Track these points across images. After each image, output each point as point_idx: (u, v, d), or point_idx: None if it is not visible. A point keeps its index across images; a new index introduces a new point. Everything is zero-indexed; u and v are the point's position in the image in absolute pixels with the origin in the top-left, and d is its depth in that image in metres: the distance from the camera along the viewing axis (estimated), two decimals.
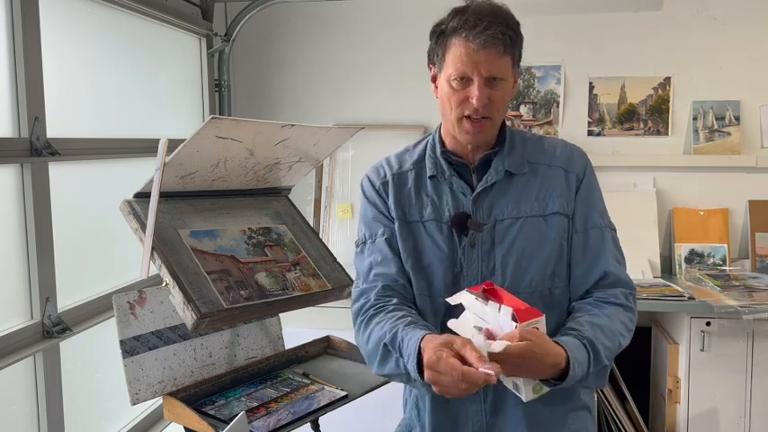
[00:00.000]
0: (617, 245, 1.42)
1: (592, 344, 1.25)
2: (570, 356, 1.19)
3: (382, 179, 1.47)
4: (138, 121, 2.56)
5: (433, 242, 1.39)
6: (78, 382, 2.14)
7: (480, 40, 1.26)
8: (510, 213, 1.37)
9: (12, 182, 1.86)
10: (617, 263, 1.39)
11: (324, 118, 3.27)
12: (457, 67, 1.30)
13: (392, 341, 1.27)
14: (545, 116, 3.18)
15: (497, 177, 1.38)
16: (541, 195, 1.38)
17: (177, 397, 1.74)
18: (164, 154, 1.59)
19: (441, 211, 1.39)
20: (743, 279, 2.84)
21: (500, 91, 1.32)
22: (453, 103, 1.33)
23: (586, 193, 1.40)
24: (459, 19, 1.30)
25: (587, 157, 1.45)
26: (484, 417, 1.38)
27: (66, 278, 2.03)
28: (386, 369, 1.32)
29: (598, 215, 1.40)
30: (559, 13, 3.11)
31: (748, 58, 3.04)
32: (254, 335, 2.06)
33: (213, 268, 1.67)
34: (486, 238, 1.36)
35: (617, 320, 1.32)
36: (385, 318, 1.32)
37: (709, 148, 3.06)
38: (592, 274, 1.37)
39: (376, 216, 1.45)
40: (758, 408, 2.61)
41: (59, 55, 2.06)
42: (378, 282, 1.40)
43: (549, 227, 1.36)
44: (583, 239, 1.38)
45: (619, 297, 1.35)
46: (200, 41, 3.09)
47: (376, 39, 3.25)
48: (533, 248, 1.35)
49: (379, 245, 1.42)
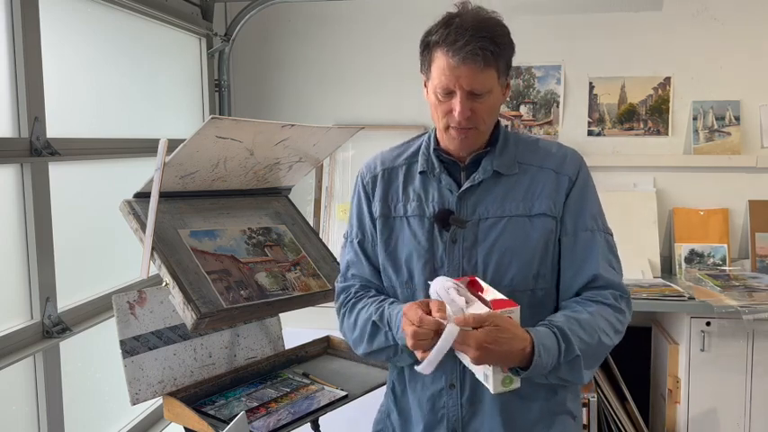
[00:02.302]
0: (611, 249, 1.40)
1: (563, 332, 1.25)
2: (536, 341, 1.20)
3: (372, 174, 1.50)
4: (138, 121, 2.56)
5: (413, 237, 1.41)
6: (78, 382, 2.14)
7: (460, 57, 1.27)
8: (495, 212, 1.37)
9: (12, 182, 1.86)
10: (609, 267, 1.37)
11: (324, 118, 3.27)
12: (441, 79, 1.31)
13: (380, 318, 1.37)
14: (545, 116, 3.18)
15: (485, 176, 1.38)
16: (528, 196, 1.38)
17: (177, 397, 1.74)
18: (164, 154, 1.59)
19: (425, 207, 1.41)
20: (743, 279, 2.84)
21: (484, 103, 1.32)
22: (439, 113, 1.35)
23: (579, 196, 1.39)
24: (443, 32, 1.30)
25: (582, 160, 1.44)
26: (459, 410, 1.39)
27: (66, 278, 2.03)
28: (374, 344, 1.39)
29: (590, 218, 1.39)
30: (559, 13, 3.11)
31: (748, 58, 3.04)
32: (254, 335, 2.06)
33: (213, 268, 1.67)
34: (469, 235, 1.37)
35: (600, 317, 1.31)
36: (368, 301, 1.42)
37: (710, 148, 3.06)
38: (580, 277, 1.36)
39: (358, 214, 1.51)
40: (758, 408, 2.61)
41: (59, 55, 2.06)
42: (355, 281, 1.49)
43: (533, 228, 1.36)
44: (572, 242, 1.37)
45: (607, 297, 1.34)
46: (200, 41, 3.09)
47: (376, 39, 3.25)
48: (516, 248, 1.35)
49: (354, 246, 1.50)
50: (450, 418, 1.40)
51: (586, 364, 1.28)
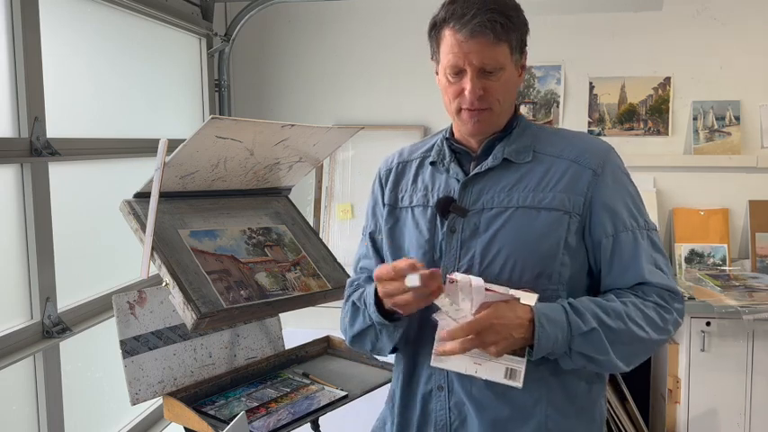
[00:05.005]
0: (656, 247, 1.29)
1: (573, 306, 1.19)
2: (536, 312, 1.15)
3: (388, 167, 1.47)
4: (138, 121, 2.56)
5: (416, 227, 1.35)
6: (78, 382, 2.14)
7: (468, 30, 1.20)
8: (500, 203, 1.28)
9: (12, 182, 1.85)
10: (655, 268, 1.27)
11: (324, 118, 3.27)
12: (449, 58, 1.24)
13: (359, 297, 1.34)
14: (545, 116, 3.18)
15: (493, 164, 1.30)
16: (540, 187, 1.27)
17: (177, 397, 1.74)
18: (164, 154, 1.59)
19: (430, 197, 1.35)
20: (743, 279, 2.84)
21: (497, 81, 1.24)
22: (451, 96, 1.28)
23: (610, 191, 1.27)
24: (449, 8, 1.24)
25: (611, 151, 1.32)
26: (447, 414, 1.30)
27: (66, 278, 2.03)
28: (356, 327, 1.35)
29: (629, 216, 1.27)
30: (559, 13, 3.11)
31: (748, 58, 3.04)
32: (254, 335, 2.06)
33: (213, 268, 1.67)
34: (469, 225, 1.28)
35: (634, 308, 1.22)
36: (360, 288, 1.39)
37: (710, 148, 3.06)
38: (622, 283, 1.27)
39: (372, 209, 1.48)
40: (758, 408, 2.61)
41: (59, 55, 2.06)
42: (363, 273, 1.47)
43: (541, 222, 1.25)
44: (612, 244, 1.26)
45: (651, 295, 1.25)
46: (200, 41, 3.09)
47: (376, 39, 3.25)
48: (518, 243, 1.25)
49: (366, 239, 1.47)
50: (437, 423, 1.32)
51: (615, 349, 1.19)
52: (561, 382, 1.28)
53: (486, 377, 1.19)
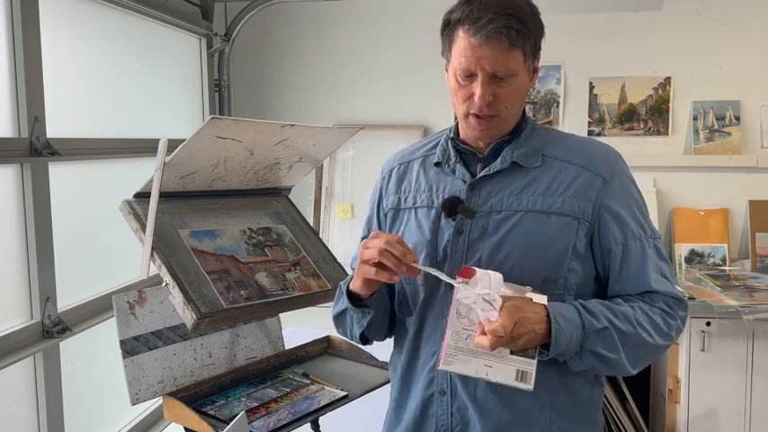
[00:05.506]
0: (660, 255, 1.30)
1: (584, 306, 1.19)
2: (551, 310, 1.15)
3: (389, 168, 1.46)
4: (138, 121, 2.56)
5: (418, 227, 1.34)
6: (78, 382, 2.14)
7: (482, 35, 1.18)
8: (509, 206, 1.26)
9: (12, 182, 1.85)
10: (661, 277, 1.27)
11: (324, 118, 3.26)
12: (461, 61, 1.22)
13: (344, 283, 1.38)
14: (545, 116, 3.18)
15: (502, 166, 1.28)
16: (550, 191, 1.26)
17: (177, 397, 1.74)
18: (164, 154, 1.59)
19: (434, 198, 1.34)
20: (743, 279, 2.84)
21: (508, 87, 1.22)
22: (460, 99, 1.26)
23: (618, 199, 1.27)
24: (464, 9, 1.21)
25: (620, 159, 1.32)
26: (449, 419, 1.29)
27: (66, 278, 2.03)
28: (336, 309, 1.41)
29: (636, 225, 1.28)
30: (559, 13, 3.11)
31: (748, 58, 3.04)
32: (254, 335, 2.06)
33: (213, 268, 1.67)
34: (477, 227, 1.27)
35: (641, 313, 1.22)
36: None
37: (710, 148, 3.06)
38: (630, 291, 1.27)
39: (370, 210, 1.49)
40: (758, 408, 2.61)
41: (59, 55, 2.06)
42: None
43: (551, 226, 1.24)
44: (621, 253, 1.26)
45: (657, 302, 1.26)
46: (200, 41, 3.09)
47: (376, 39, 3.25)
48: (527, 247, 1.24)
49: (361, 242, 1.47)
50: (438, 428, 1.30)
51: (626, 351, 1.20)
52: (566, 387, 1.28)
53: (497, 380, 1.16)
